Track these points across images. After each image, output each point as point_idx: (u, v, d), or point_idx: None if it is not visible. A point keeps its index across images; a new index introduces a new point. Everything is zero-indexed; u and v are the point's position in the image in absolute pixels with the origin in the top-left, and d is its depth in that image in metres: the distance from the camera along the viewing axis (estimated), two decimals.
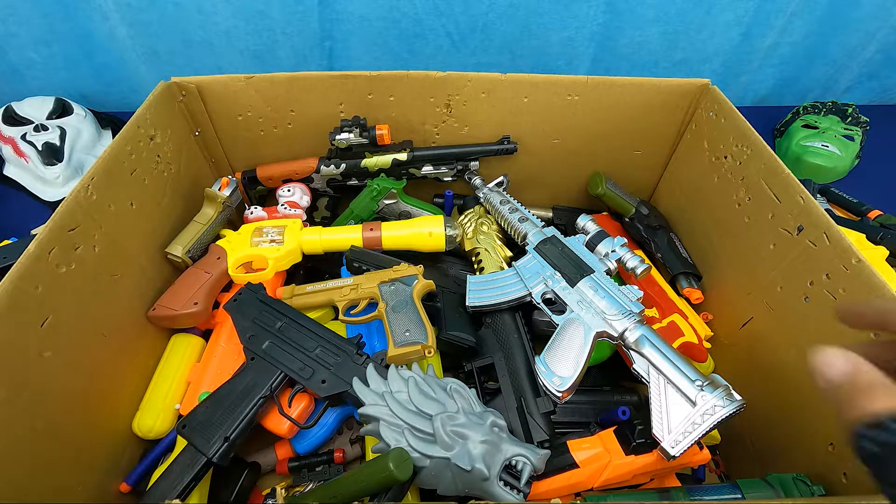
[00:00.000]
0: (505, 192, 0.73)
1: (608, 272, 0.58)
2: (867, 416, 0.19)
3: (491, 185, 0.74)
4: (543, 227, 0.66)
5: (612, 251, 0.59)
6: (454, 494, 0.45)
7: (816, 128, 0.99)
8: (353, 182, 0.76)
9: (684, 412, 0.45)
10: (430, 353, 0.54)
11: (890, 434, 0.19)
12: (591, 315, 0.53)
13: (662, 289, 0.68)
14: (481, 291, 0.61)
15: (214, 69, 0.98)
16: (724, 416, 0.44)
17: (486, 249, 0.68)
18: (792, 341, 0.52)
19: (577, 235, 0.63)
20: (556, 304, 0.56)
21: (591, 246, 0.60)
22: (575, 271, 0.57)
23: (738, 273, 0.62)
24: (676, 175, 0.76)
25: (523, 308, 0.61)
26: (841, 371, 0.22)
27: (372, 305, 0.61)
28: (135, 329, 0.59)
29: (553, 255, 0.60)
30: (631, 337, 0.50)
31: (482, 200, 0.73)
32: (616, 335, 0.51)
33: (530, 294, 0.58)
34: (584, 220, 0.63)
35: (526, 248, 0.64)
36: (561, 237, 0.63)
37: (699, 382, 0.45)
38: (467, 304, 0.60)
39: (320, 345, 0.55)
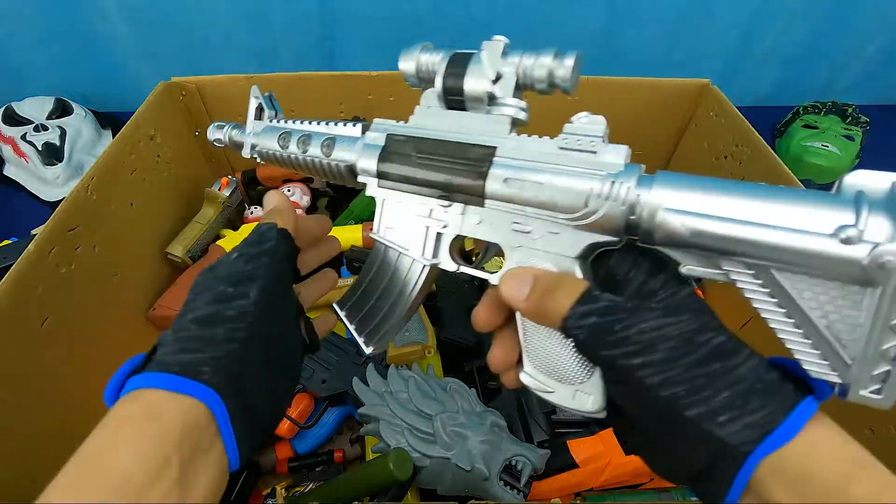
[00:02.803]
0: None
1: None
2: (564, 312, 0.24)
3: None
4: None
5: None
6: (454, 494, 0.45)
7: (816, 128, 0.99)
8: None
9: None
10: (430, 353, 0.54)
11: (585, 318, 0.23)
12: None
13: None
14: None
15: (214, 69, 0.97)
16: None
17: None
18: None
19: None
20: None
21: None
22: None
23: None
24: None
25: None
26: (527, 287, 0.26)
27: None
28: (135, 329, 0.59)
29: None
30: None
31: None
32: None
33: None
34: None
35: None
36: None
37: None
38: None
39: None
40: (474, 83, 0.28)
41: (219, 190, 0.71)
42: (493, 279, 0.29)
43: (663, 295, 0.23)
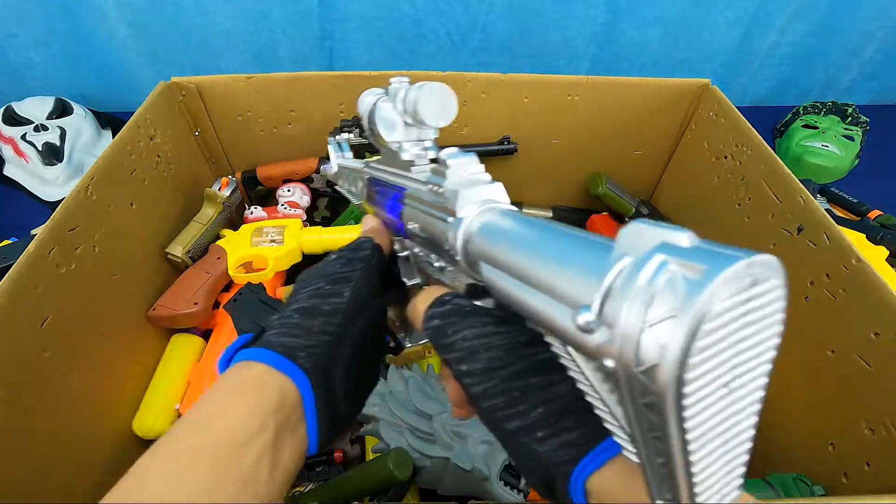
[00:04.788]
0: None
1: None
2: (421, 315, 0.26)
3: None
4: None
5: None
6: (454, 494, 0.45)
7: (816, 128, 0.99)
8: None
9: None
10: (430, 353, 0.54)
11: (431, 320, 0.25)
12: None
13: None
14: None
15: (214, 69, 0.98)
16: None
17: None
18: (792, 341, 0.52)
19: None
20: None
21: None
22: None
23: None
24: (676, 175, 0.76)
25: None
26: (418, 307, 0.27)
27: None
28: (135, 329, 0.59)
29: None
30: None
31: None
32: None
33: None
34: None
35: None
36: None
37: None
38: None
39: None
40: (377, 134, 0.31)
41: (219, 190, 0.71)
42: None
43: None
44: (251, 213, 0.73)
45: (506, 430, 0.21)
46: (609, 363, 0.14)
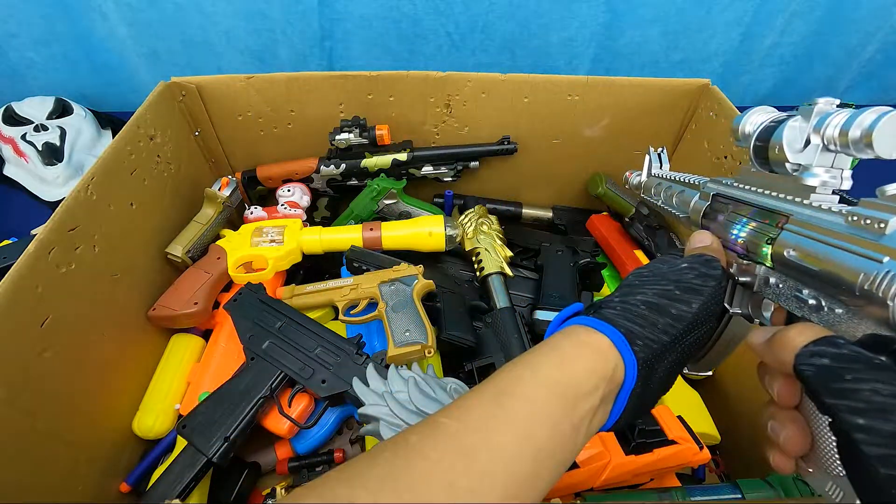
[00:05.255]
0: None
1: None
2: (797, 347, 0.23)
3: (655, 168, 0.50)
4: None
5: None
6: None
7: None
8: (353, 182, 0.76)
9: None
10: (430, 353, 0.54)
11: (817, 357, 0.23)
12: None
13: None
14: None
15: (214, 69, 0.98)
16: None
17: (486, 249, 0.68)
18: None
19: None
20: None
21: None
22: None
23: None
24: None
25: (522, 308, 0.61)
26: (765, 336, 0.27)
27: (372, 305, 0.61)
28: (135, 329, 0.59)
29: None
30: None
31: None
32: None
33: None
34: None
35: None
36: None
37: None
38: None
39: (320, 345, 0.55)
40: (777, 152, 0.29)
41: (219, 190, 0.71)
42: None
43: None
44: (251, 213, 0.73)
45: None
46: None
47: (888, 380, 0.20)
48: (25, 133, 0.86)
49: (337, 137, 0.70)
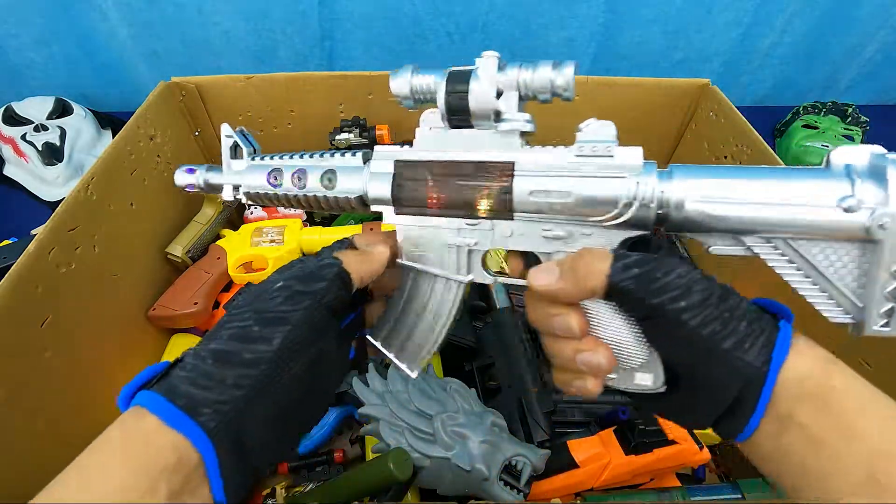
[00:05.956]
0: None
1: None
2: (606, 269, 0.25)
3: None
4: None
5: None
6: (454, 494, 0.45)
7: (816, 128, 0.99)
8: None
9: None
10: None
11: (628, 269, 0.25)
12: None
13: None
14: None
15: (214, 69, 0.98)
16: None
17: None
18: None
19: None
20: None
21: None
22: None
23: (739, 273, 0.62)
24: None
25: (522, 308, 0.61)
26: (554, 271, 0.27)
27: None
28: (135, 329, 0.59)
29: None
30: None
31: None
32: None
33: None
34: None
35: None
36: None
37: None
38: None
39: None
40: (480, 101, 0.28)
41: None
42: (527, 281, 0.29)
43: None
44: (251, 212, 0.73)
45: (722, 349, 0.23)
46: (879, 234, 0.22)
47: (676, 265, 0.25)
48: (25, 133, 0.86)
49: (337, 137, 0.70)
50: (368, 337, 0.35)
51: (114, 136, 0.57)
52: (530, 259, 0.31)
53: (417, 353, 0.33)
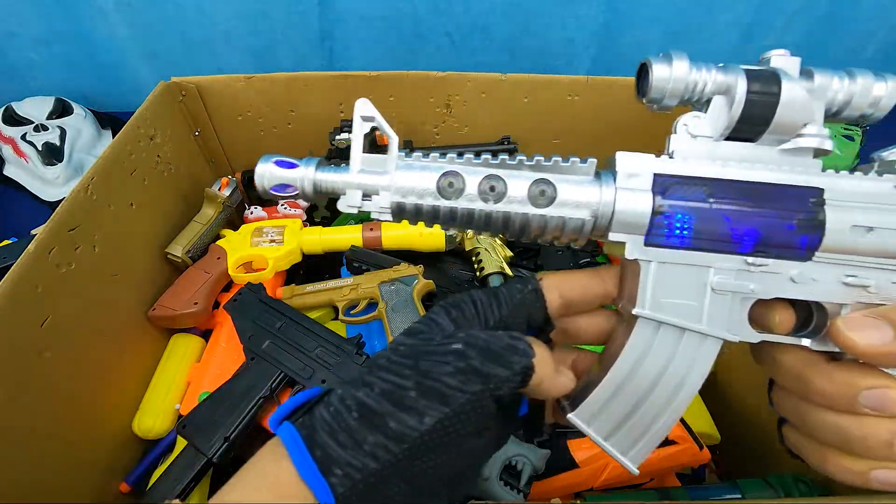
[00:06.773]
0: None
1: None
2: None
3: None
4: None
5: None
6: None
7: None
8: None
9: None
10: None
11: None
12: None
13: None
14: None
15: (214, 69, 0.98)
16: None
17: (486, 249, 0.68)
18: None
19: None
20: None
21: None
22: None
23: None
24: None
25: None
26: (884, 329, 0.22)
27: (372, 305, 0.61)
28: (135, 329, 0.59)
29: None
30: None
31: None
32: None
33: None
34: None
35: None
36: None
37: None
38: None
39: (320, 345, 0.55)
40: (794, 109, 0.23)
41: (219, 190, 0.71)
42: (814, 345, 0.24)
43: None
44: (251, 213, 0.73)
45: None
46: None
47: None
48: (25, 133, 0.86)
49: (337, 137, 0.70)
50: (572, 417, 0.26)
51: (114, 136, 0.57)
52: (805, 311, 0.25)
53: (642, 440, 0.26)
